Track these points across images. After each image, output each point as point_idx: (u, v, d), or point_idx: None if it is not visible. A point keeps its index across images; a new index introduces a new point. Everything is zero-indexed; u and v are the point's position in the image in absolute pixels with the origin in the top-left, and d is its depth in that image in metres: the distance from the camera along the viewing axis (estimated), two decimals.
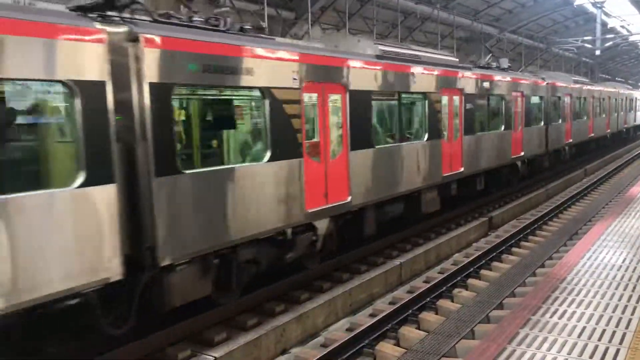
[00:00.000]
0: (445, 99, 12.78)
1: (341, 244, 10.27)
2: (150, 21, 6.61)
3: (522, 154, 17.46)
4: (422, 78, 11.81)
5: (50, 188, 5.48)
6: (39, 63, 5.30)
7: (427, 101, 11.96)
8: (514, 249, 12.35)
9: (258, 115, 7.92)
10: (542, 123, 19.54)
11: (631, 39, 40.57)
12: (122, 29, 6.14)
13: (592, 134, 26.63)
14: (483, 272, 10.69)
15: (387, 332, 7.94)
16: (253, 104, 7.97)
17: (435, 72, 12.31)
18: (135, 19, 6.49)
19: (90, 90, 5.66)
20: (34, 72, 5.29)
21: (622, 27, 39.27)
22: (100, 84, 5.77)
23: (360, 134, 9.78)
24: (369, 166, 10.08)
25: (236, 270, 7.72)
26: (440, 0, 25.22)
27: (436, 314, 8.78)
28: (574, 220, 14.33)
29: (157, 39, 6.33)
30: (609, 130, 30.45)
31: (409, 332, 7.97)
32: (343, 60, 9.41)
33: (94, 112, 5.68)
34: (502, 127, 15.98)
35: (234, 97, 7.83)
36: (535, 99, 18.76)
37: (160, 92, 6.34)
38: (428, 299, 9.07)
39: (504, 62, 17.85)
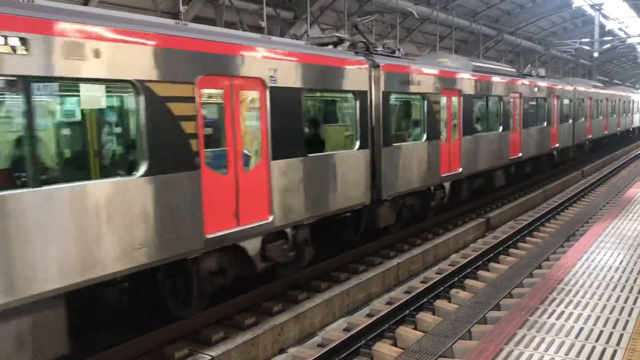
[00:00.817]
0: (511, 100, 16.75)
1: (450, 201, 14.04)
2: (372, 53, 10.87)
3: (557, 145, 21.58)
4: (499, 85, 15.94)
5: (346, 149, 9.84)
6: (343, 81, 9.53)
7: (501, 102, 16.06)
8: (512, 250, 12.37)
9: (420, 111, 12.09)
10: (570, 121, 23.44)
11: (629, 41, 40.67)
12: (370, 60, 10.41)
13: (606, 132, 30.76)
14: (480, 272, 10.69)
15: (384, 332, 7.94)
16: (418, 104, 12.06)
17: (506, 80, 16.43)
18: (369, 52, 10.84)
19: (362, 96, 10.02)
20: (344, 86, 9.60)
21: (620, 29, 39.38)
22: (365, 92, 10.12)
23: (467, 125, 13.93)
24: (471, 148, 14.21)
25: (404, 210, 11.87)
26: (439, 1, 25.25)
27: (433, 314, 8.79)
28: (571, 222, 14.37)
29: (386, 66, 10.67)
30: (619, 129, 34.50)
31: (406, 332, 7.97)
32: (459, 74, 13.65)
33: (362, 108, 9.99)
34: (545, 123, 19.99)
35: (410, 100, 12.05)
36: (566, 101, 22.76)
37: (386, 96, 10.61)
38: (425, 299, 9.08)
39: (542, 71, 21.90)
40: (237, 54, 7.28)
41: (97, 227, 5.61)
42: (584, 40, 34.96)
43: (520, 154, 17.47)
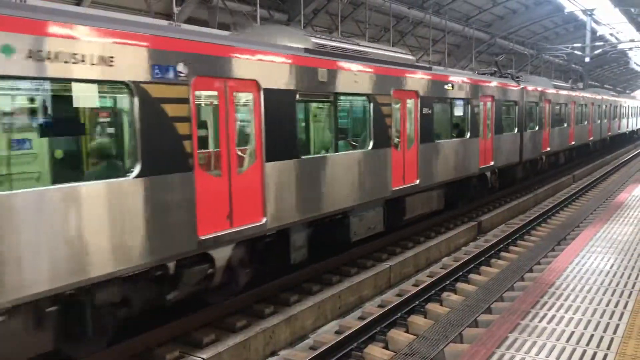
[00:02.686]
0: (570, 106, 24.77)
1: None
2: (514, 79, 18.83)
3: (592, 138, 29.62)
4: (565, 96, 23.90)
5: (511, 132, 17.67)
6: (512, 95, 17.69)
7: (566, 107, 24.08)
8: (503, 254, 12.40)
9: (536, 111, 19.85)
10: (598, 121, 31.17)
11: (620, 46, 40.97)
12: (518, 83, 18.41)
13: (619, 130, 39.07)
14: (472, 276, 10.72)
15: (376, 335, 7.93)
16: (536, 107, 19.72)
17: (568, 92, 24.70)
18: (513, 78, 18.94)
19: (517, 103, 18.07)
20: (512, 98, 17.76)
21: (611, 34, 39.68)
22: (518, 101, 18.05)
23: (552, 121, 21.81)
24: (553, 136, 21.98)
25: (525, 169, 19.78)
26: (432, 5, 25.35)
27: (425, 317, 8.80)
28: (562, 226, 14.43)
29: (527, 87, 18.82)
30: (628, 129, 43.63)
31: (397, 335, 7.98)
32: (550, 90, 21.59)
33: (517, 110, 18.30)
34: (586, 122, 28.17)
35: (532, 106, 19.37)
36: (596, 106, 30.67)
37: (525, 104, 18.52)
38: (417, 302, 9.08)
39: (580, 85, 30.23)
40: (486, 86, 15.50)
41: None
42: (575, 45, 35.20)
43: (574, 142, 25.53)
